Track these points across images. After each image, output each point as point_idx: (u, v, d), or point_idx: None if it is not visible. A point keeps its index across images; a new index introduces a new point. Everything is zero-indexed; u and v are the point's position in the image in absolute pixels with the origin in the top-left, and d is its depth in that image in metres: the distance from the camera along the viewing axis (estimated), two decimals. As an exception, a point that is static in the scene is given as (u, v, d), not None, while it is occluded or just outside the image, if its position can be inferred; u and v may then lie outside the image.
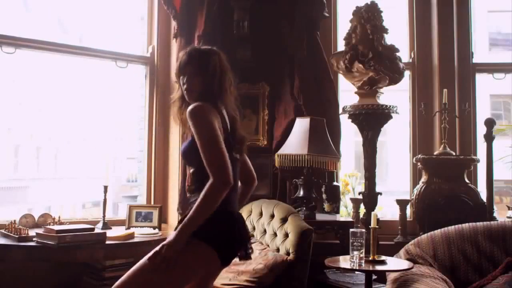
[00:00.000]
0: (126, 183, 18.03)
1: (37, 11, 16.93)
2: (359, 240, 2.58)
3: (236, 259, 2.20)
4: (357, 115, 3.41)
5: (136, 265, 2.04)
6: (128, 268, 3.10)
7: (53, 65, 16.81)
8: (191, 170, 2.20)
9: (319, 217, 3.45)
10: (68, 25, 18.43)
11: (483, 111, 4.95)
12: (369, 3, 3.38)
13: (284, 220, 3.08)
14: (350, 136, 7.66)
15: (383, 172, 10.91)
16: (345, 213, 4.01)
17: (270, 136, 3.82)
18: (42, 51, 3.71)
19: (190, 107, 2.06)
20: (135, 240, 3.19)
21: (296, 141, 3.40)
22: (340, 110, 3.62)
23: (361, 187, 3.93)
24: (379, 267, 2.62)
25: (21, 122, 16.51)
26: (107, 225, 3.41)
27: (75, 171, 18.92)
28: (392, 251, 2.98)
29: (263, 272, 2.83)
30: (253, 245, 3.08)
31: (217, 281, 2.90)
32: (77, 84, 18.92)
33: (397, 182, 7.98)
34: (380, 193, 3.44)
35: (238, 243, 2.15)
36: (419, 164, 3.74)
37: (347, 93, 3.77)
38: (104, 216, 3.44)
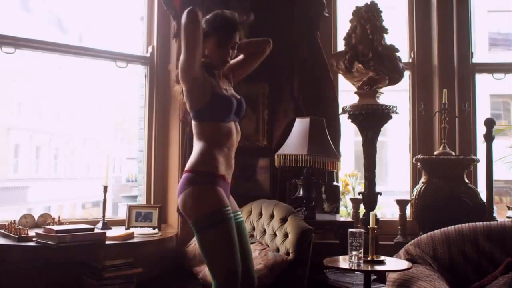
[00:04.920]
0: (126, 183, 18.06)
1: (37, 11, 16.94)
2: (357, 240, 2.58)
3: None
4: (357, 115, 3.41)
5: None
6: (128, 268, 3.15)
7: (53, 65, 16.84)
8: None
9: (319, 217, 3.45)
10: (67, 25, 18.46)
11: (483, 111, 4.95)
12: (369, 3, 3.38)
13: (283, 220, 3.08)
14: (350, 136, 7.68)
15: (383, 172, 10.92)
16: (345, 213, 4.01)
17: (270, 136, 3.82)
18: (42, 51, 3.71)
19: None
20: (135, 240, 3.18)
21: (296, 141, 3.40)
22: (340, 110, 3.62)
23: (361, 187, 3.93)
24: (377, 267, 2.62)
25: (21, 122, 16.52)
26: (107, 225, 3.40)
27: (75, 171, 18.95)
28: (392, 251, 2.97)
29: (263, 272, 2.83)
30: (253, 245, 3.10)
31: (217, 281, 2.90)
32: (77, 84, 18.94)
33: (397, 182, 7.98)
34: (380, 193, 3.44)
35: None
36: (419, 164, 3.74)
37: (347, 93, 3.77)
38: (104, 216, 3.44)
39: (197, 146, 2.36)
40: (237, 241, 2.29)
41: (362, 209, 3.65)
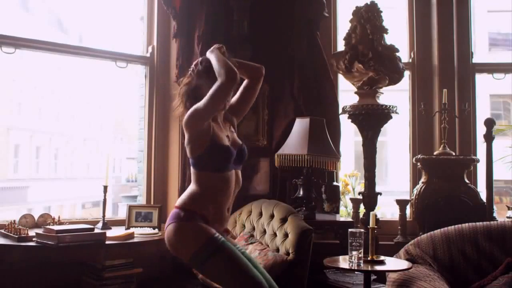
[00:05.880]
0: (126, 183, 18.06)
1: (37, 11, 16.94)
2: (357, 240, 2.57)
3: None
4: (357, 115, 3.41)
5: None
6: (128, 268, 3.15)
7: (53, 65, 16.84)
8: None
9: (319, 217, 3.45)
10: (67, 25, 18.46)
11: (483, 111, 4.96)
12: (369, 3, 3.38)
13: (283, 220, 3.08)
14: (350, 136, 7.68)
15: (383, 172, 10.92)
16: (345, 213, 4.01)
17: (270, 136, 3.82)
18: (42, 51, 3.71)
19: None
20: (135, 240, 3.18)
21: (296, 141, 3.40)
22: (340, 110, 3.62)
23: (361, 187, 3.93)
24: (377, 267, 2.62)
25: (21, 122, 16.52)
26: (107, 225, 3.41)
27: (75, 171, 18.94)
28: (392, 251, 2.98)
29: (263, 272, 2.82)
30: (253, 245, 3.10)
31: (217, 281, 2.90)
32: (77, 84, 18.94)
33: (397, 182, 7.99)
34: (380, 193, 3.44)
35: None
36: (419, 164, 3.74)
37: (347, 93, 3.77)
38: (104, 216, 3.44)
39: (190, 187, 2.33)
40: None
41: (362, 209, 3.65)
